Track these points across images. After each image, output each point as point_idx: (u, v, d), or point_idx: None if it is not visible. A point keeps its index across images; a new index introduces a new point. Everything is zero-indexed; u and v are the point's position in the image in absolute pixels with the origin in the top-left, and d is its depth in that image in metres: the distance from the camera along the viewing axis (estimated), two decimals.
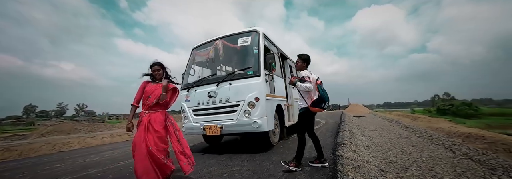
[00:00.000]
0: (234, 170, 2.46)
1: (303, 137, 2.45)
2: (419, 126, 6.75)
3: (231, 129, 3.24)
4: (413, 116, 11.14)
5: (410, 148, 3.85)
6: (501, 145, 3.56)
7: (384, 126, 7.51)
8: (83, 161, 4.45)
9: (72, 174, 3.33)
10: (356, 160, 2.82)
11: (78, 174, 3.33)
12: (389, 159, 3.12)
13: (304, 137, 2.47)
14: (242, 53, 3.78)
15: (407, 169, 2.67)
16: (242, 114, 3.17)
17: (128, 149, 4.35)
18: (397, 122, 8.47)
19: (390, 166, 2.80)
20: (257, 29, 3.67)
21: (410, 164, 2.87)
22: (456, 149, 3.52)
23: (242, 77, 3.32)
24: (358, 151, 3.44)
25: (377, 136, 5.22)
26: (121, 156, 4.55)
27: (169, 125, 2.23)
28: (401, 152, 3.55)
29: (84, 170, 3.56)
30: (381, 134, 5.53)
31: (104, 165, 3.78)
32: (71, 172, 3.48)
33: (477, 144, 3.88)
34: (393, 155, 3.34)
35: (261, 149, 3.58)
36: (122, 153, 5.06)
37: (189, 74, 4.20)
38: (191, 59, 4.29)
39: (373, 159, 3.11)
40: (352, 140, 4.39)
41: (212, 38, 4.11)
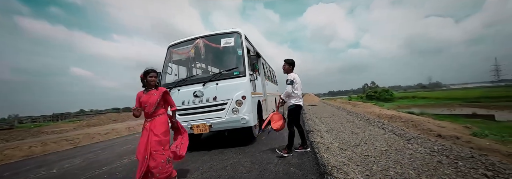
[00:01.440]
0: (234, 163, 2.81)
1: (293, 129, 2.96)
2: (359, 111, 8.53)
3: (220, 126, 3.48)
4: (352, 103, 13.73)
5: (357, 129, 5.00)
6: (411, 122, 5.09)
7: (334, 113, 9.07)
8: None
9: None
10: (324, 143, 3.59)
11: None
12: (344, 140, 4.04)
13: (293, 129, 2.98)
14: (225, 54, 3.94)
15: (358, 146, 3.59)
16: (230, 112, 3.45)
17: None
18: (343, 108, 10.36)
19: (346, 145, 3.68)
20: (239, 31, 3.89)
21: (359, 142, 3.83)
22: (385, 128, 4.82)
23: (228, 77, 3.55)
24: (323, 136, 4.29)
25: (331, 122, 6.40)
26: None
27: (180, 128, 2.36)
28: (351, 133, 4.61)
29: None
30: (334, 120, 6.78)
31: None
32: None
33: (397, 123, 5.40)
34: (346, 136, 4.32)
35: (245, 142, 3.99)
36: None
37: (167, 73, 4.09)
38: (167, 57, 4.16)
39: (334, 141, 3.98)
40: (316, 127, 5.32)
41: (192, 37, 4.08)
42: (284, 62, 3.11)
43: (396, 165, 2.53)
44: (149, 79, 2.26)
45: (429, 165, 2.46)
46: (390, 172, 2.35)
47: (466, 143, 3.21)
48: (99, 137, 8.92)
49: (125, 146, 5.76)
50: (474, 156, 2.56)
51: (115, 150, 5.28)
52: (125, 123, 19.46)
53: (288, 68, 3.07)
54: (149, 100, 2.21)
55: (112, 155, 4.65)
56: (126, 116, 24.10)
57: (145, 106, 2.21)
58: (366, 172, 2.42)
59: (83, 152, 5.59)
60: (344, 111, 9.48)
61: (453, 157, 2.64)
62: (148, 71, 2.28)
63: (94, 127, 17.74)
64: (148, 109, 2.20)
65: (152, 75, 2.26)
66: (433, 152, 2.90)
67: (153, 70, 2.30)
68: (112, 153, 4.97)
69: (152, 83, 2.27)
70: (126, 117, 24.13)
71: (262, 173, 2.34)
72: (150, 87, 2.30)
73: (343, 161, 2.72)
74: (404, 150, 3.12)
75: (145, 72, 2.27)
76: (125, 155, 4.41)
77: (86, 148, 6.41)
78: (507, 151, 2.68)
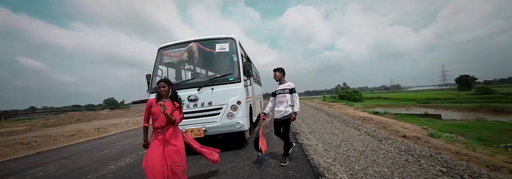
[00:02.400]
0: (233, 167, 2.94)
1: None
2: (335, 112, 9.28)
3: (215, 130, 3.57)
4: (328, 104, 14.77)
5: (336, 130, 5.51)
6: (381, 124, 5.81)
7: (313, 114, 9.69)
8: None
9: None
10: (311, 145, 3.95)
11: None
12: (326, 141, 4.46)
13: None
14: (220, 59, 4.00)
15: (339, 147, 4.02)
16: (225, 116, 3.56)
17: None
18: (321, 110, 11.13)
19: (329, 146, 4.08)
20: (233, 37, 3.98)
21: (339, 143, 4.28)
22: (360, 129, 5.42)
23: (224, 83, 3.63)
24: (308, 137, 4.67)
25: (312, 123, 6.89)
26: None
27: (183, 135, 2.36)
28: (332, 134, 5.08)
29: None
30: (314, 121, 7.30)
31: None
32: None
33: (369, 124, 6.10)
34: (328, 138, 4.76)
35: (238, 145, 4.13)
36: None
37: (157, 75, 4.00)
38: (158, 59, 4.07)
39: (318, 142, 4.37)
40: (300, 129, 5.70)
41: (184, 40, 4.04)
42: (275, 72, 3.03)
43: (373, 164, 2.96)
44: (159, 90, 2.21)
45: (399, 163, 2.93)
46: (369, 171, 2.74)
47: (425, 143, 3.86)
48: (63, 140, 8.09)
49: (104, 150, 5.41)
50: (432, 155, 3.13)
51: (95, 156, 4.93)
52: (91, 122, 17.76)
53: (280, 76, 3.02)
54: (161, 114, 2.11)
55: (93, 161, 4.35)
56: (93, 115, 21.97)
57: (156, 119, 2.16)
58: (350, 171, 2.78)
59: (53, 158, 5.08)
60: (322, 112, 10.21)
61: (416, 155, 3.18)
62: (159, 81, 2.26)
63: (54, 128, 15.86)
64: (159, 123, 2.15)
65: (160, 85, 2.21)
66: (401, 151, 3.44)
67: (163, 80, 2.25)
68: (91, 158, 4.64)
69: (163, 93, 2.23)
70: (92, 116, 22.00)
71: (263, 176, 2.54)
72: (165, 98, 2.26)
73: (329, 162, 3.07)
74: (378, 150, 3.62)
75: (157, 82, 2.27)
76: (110, 161, 4.18)
77: (53, 153, 5.81)
78: (455, 149, 3.33)
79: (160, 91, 2.23)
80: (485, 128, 10.99)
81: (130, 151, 4.87)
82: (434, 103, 30.19)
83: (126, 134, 8.41)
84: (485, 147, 3.63)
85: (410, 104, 32.23)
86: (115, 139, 7.41)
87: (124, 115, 23.50)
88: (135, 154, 4.54)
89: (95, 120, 21.68)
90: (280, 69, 3.08)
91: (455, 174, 2.43)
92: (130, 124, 12.79)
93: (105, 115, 22.50)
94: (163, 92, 2.23)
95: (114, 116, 22.68)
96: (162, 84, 2.23)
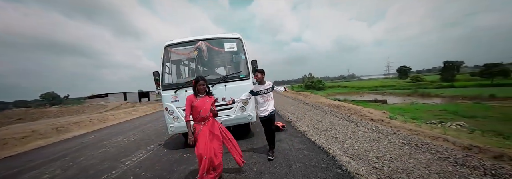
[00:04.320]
0: (257, 152, 3.46)
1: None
2: (311, 102, 10.49)
3: (229, 123, 3.98)
4: (302, 93, 16.23)
5: (318, 118, 6.50)
6: (352, 110, 7.08)
7: (293, 103, 10.71)
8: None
9: None
10: (306, 131, 4.75)
11: None
12: (314, 127, 5.34)
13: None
14: (229, 58, 4.27)
15: (326, 131, 4.91)
16: (238, 110, 3.98)
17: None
18: (297, 99, 12.29)
19: (318, 131, 4.95)
20: (240, 36, 4.27)
21: (325, 128, 5.20)
22: (338, 115, 6.53)
23: (236, 80, 3.98)
24: (300, 125, 5.48)
25: (296, 112, 7.80)
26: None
27: (220, 128, 2.69)
28: (316, 121, 6.01)
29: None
30: (296, 110, 8.24)
31: None
32: None
33: (343, 111, 7.32)
34: (314, 124, 5.66)
35: (246, 134, 4.63)
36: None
37: (166, 73, 4.09)
38: (165, 57, 4.11)
39: (308, 128, 5.20)
40: (289, 118, 6.50)
41: (192, 38, 4.15)
42: (258, 73, 3.11)
43: (357, 142, 3.88)
44: (199, 87, 2.52)
45: (374, 140, 3.93)
46: (355, 147, 3.63)
47: (388, 124, 5.06)
48: (16, 143, 6.87)
49: (101, 149, 5.15)
50: (395, 132, 4.24)
51: (84, 161, 4.66)
52: (40, 121, 15.35)
53: (261, 77, 3.11)
54: (204, 106, 2.49)
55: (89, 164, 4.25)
56: (39, 113, 18.84)
57: (200, 111, 2.49)
58: (342, 149, 3.62)
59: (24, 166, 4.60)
60: (299, 101, 11.35)
61: (384, 133, 4.26)
62: (197, 79, 2.54)
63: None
64: (204, 113, 2.49)
65: (201, 83, 2.51)
66: (373, 131, 4.50)
67: (203, 78, 2.56)
68: (82, 164, 4.47)
69: (201, 91, 2.54)
70: (38, 114, 18.83)
71: (287, 157, 3.16)
72: (201, 94, 2.57)
73: (325, 143, 3.89)
74: (357, 131, 4.63)
75: (195, 81, 2.53)
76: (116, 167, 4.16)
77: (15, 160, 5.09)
78: (409, 127, 4.56)
79: (200, 88, 2.53)
80: (417, 109, 14.07)
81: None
82: (381, 90, 35.83)
83: (106, 132, 7.87)
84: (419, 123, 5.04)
85: (363, 91, 37.43)
86: (95, 137, 6.95)
87: (81, 112, 20.82)
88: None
89: (43, 118, 18.67)
90: (263, 71, 3.14)
91: (412, 144, 3.49)
92: (95, 121, 11.63)
93: (56, 112, 19.53)
94: (202, 89, 2.55)
95: (68, 113, 19.89)
96: (202, 83, 2.54)
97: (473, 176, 2.33)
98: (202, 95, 2.59)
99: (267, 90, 3.15)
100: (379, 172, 2.59)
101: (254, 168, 2.89)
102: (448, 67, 42.45)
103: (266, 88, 3.14)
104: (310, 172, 2.60)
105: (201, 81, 2.53)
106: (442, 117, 10.11)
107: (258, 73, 3.11)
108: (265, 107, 3.16)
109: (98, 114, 17.27)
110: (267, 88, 3.15)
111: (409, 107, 15.14)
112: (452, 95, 24.92)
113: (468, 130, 5.01)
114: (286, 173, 2.64)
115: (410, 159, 2.92)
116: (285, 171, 2.70)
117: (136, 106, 21.06)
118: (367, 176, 2.47)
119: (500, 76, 34.30)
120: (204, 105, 2.53)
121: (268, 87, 3.15)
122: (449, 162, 2.74)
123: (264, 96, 3.16)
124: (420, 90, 31.73)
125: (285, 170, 2.73)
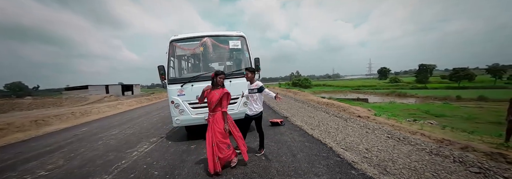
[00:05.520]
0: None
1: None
2: (302, 99, 10.99)
3: (233, 117, 4.20)
4: (292, 91, 16.78)
5: (310, 114, 6.94)
6: (340, 108, 7.63)
7: (284, 100, 11.12)
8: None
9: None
10: (302, 125, 5.13)
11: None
12: (308, 122, 5.76)
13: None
14: (234, 55, 4.44)
15: (319, 126, 5.34)
16: (241, 105, 4.20)
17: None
18: (288, 96, 12.75)
19: (311, 125, 5.37)
20: (244, 35, 4.45)
21: (318, 123, 5.63)
22: (328, 112, 7.02)
23: (240, 76, 4.17)
24: (295, 120, 5.86)
25: (288, 108, 8.20)
26: None
27: (229, 122, 2.87)
28: (309, 117, 6.45)
29: None
30: (289, 106, 8.65)
31: None
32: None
33: (332, 108, 7.86)
34: (308, 119, 6.08)
35: None
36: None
37: (171, 67, 4.18)
38: (170, 51, 4.19)
39: (302, 123, 5.60)
40: (283, 113, 6.86)
41: (197, 34, 4.26)
42: (248, 72, 3.04)
43: (348, 136, 4.33)
44: (219, 79, 2.73)
45: (362, 134, 4.40)
46: (347, 140, 4.07)
47: (373, 120, 5.62)
48: None
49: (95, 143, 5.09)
50: (380, 128, 4.78)
51: (86, 153, 4.67)
52: (12, 114, 14.24)
53: (251, 77, 3.05)
54: (212, 98, 2.72)
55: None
56: (8, 104, 17.37)
57: (209, 103, 2.72)
58: (335, 141, 4.04)
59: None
60: (290, 98, 11.81)
61: (371, 129, 4.77)
62: (218, 72, 2.76)
63: None
64: (210, 105, 2.73)
65: (221, 76, 2.74)
66: (361, 127, 5.00)
67: (223, 72, 2.80)
68: (86, 155, 4.45)
69: (219, 83, 2.76)
70: (7, 106, 17.35)
71: (290, 148, 3.49)
72: (217, 86, 2.77)
73: (320, 136, 4.29)
74: (347, 126, 5.11)
75: (216, 73, 2.74)
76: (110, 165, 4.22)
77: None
78: (391, 123, 5.13)
79: (219, 80, 2.76)
80: (394, 108, 15.30)
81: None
82: (363, 89, 37.94)
83: (97, 125, 7.66)
84: (400, 120, 5.68)
85: (346, 90, 39.32)
86: (89, 131, 6.77)
87: (59, 104, 19.52)
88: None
89: (13, 110, 17.24)
90: (253, 70, 3.09)
91: (395, 138, 4.01)
92: (78, 115, 11.10)
93: (29, 104, 18.10)
94: (220, 82, 2.78)
95: (43, 106, 18.54)
96: (221, 77, 2.77)
97: (445, 163, 2.83)
98: (217, 87, 2.80)
99: (252, 90, 3.08)
100: (369, 161, 3.01)
101: (262, 156, 3.18)
102: (422, 70, 45.96)
103: (252, 88, 3.09)
104: (313, 160, 2.96)
105: (221, 75, 2.76)
106: (416, 116, 11.17)
107: (248, 72, 3.03)
108: (250, 106, 3.14)
109: (80, 107, 16.42)
110: (253, 89, 3.08)
111: (388, 106, 16.38)
112: (425, 96, 27.24)
113: (440, 126, 5.75)
114: (292, 161, 2.97)
115: (394, 150, 3.39)
116: (291, 159, 3.03)
117: (120, 100, 20.24)
118: (360, 163, 2.88)
119: (466, 79, 37.98)
120: (213, 97, 2.72)
121: (254, 88, 3.07)
122: (425, 152, 3.25)
123: (249, 95, 3.13)
124: (397, 90, 34.16)
125: (291, 158, 3.06)
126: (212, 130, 2.73)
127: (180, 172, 2.88)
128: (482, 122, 9.73)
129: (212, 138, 2.71)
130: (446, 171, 2.57)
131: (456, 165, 2.74)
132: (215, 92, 2.77)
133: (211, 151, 2.66)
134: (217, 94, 2.76)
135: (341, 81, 64.82)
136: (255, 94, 3.09)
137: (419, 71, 46.98)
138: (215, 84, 2.78)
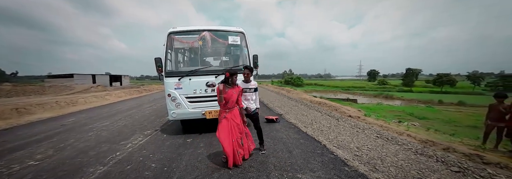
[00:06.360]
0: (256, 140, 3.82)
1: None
2: (295, 97, 11.16)
3: None
4: (285, 89, 16.96)
5: (303, 112, 7.10)
6: (332, 107, 7.86)
7: (278, 98, 11.25)
8: None
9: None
10: (296, 123, 5.26)
11: None
12: (302, 120, 5.90)
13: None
14: (233, 50, 4.42)
15: (312, 124, 5.50)
16: None
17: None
18: (282, 94, 12.90)
19: (304, 123, 5.51)
20: (243, 31, 4.43)
21: (311, 121, 5.79)
22: (321, 111, 7.22)
23: (239, 72, 4.18)
24: (289, 118, 5.99)
25: (282, 106, 8.33)
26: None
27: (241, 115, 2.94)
28: (302, 115, 6.60)
29: None
30: (283, 104, 8.78)
31: None
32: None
33: (325, 107, 8.08)
34: (301, 117, 6.23)
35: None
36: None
37: (168, 60, 4.12)
38: (168, 44, 4.11)
39: (296, 121, 5.75)
40: (277, 111, 6.97)
41: (196, 28, 4.20)
42: (247, 70, 3.05)
43: (339, 135, 4.51)
44: (234, 79, 2.77)
45: (353, 133, 4.60)
46: (339, 139, 4.24)
47: (363, 120, 5.86)
48: None
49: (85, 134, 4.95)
50: (369, 127, 5.00)
51: (76, 143, 4.55)
52: None
53: (248, 76, 3.09)
54: (231, 97, 2.75)
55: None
56: None
57: (227, 101, 2.75)
58: (328, 139, 4.21)
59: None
60: (284, 96, 11.96)
61: (361, 128, 4.98)
62: (234, 72, 2.78)
63: None
64: (231, 104, 2.78)
65: (235, 76, 2.77)
66: (352, 126, 5.21)
67: (237, 71, 2.85)
68: (76, 146, 4.34)
69: (235, 82, 2.82)
70: None
71: (286, 144, 3.59)
72: (232, 85, 2.80)
73: (314, 134, 4.44)
74: (338, 125, 5.30)
75: (231, 74, 2.75)
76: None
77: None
78: (380, 124, 5.38)
79: (235, 80, 2.81)
80: (381, 109, 15.95)
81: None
82: (353, 90, 39.02)
83: (84, 116, 7.41)
84: (388, 121, 5.97)
85: (337, 90, 40.26)
86: (77, 121, 6.55)
87: (41, 93, 18.56)
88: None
89: None
90: (251, 69, 3.11)
91: (384, 138, 4.22)
92: (63, 104, 10.64)
93: (8, 91, 17.07)
94: (236, 80, 2.84)
95: (24, 93, 17.55)
96: (236, 76, 2.80)
97: (428, 163, 3.04)
98: (232, 86, 2.83)
99: (250, 89, 3.11)
100: (360, 159, 3.17)
101: (259, 152, 3.26)
102: (409, 74, 47.85)
103: (249, 87, 3.11)
104: (309, 157, 3.08)
105: (236, 75, 2.79)
106: (401, 117, 11.73)
107: (247, 72, 3.06)
108: (245, 106, 3.13)
109: (64, 96, 15.74)
110: (250, 88, 3.11)
111: (375, 107, 17.02)
112: (410, 99, 28.48)
113: (425, 128, 6.10)
114: (288, 156, 3.08)
115: (383, 149, 3.59)
116: (287, 155, 3.14)
117: (108, 91, 19.58)
118: (352, 161, 3.03)
119: (448, 84, 40.04)
120: (232, 97, 2.78)
121: (251, 87, 3.12)
122: (411, 152, 3.46)
123: (245, 95, 3.11)
124: (385, 92, 35.44)
125: (287, 154, 3.16)
126: (230, 126, 2.76)
127: (178, 165, 2.90)
128: (460, 125, 10.40)
129: (232, 133, 2.75)
130: (430, 170, 2.77)
131: (439, 164, 2.96)
132: (232, 91, 2.79)
133: (231, 146, 2.70)
134: (235, 92, 2.81)
135: (332, 82, 66.26)
136: (251, 93, 3.16)
137: (406, 75, 48.92)
138: (230, 84, 2.80)
